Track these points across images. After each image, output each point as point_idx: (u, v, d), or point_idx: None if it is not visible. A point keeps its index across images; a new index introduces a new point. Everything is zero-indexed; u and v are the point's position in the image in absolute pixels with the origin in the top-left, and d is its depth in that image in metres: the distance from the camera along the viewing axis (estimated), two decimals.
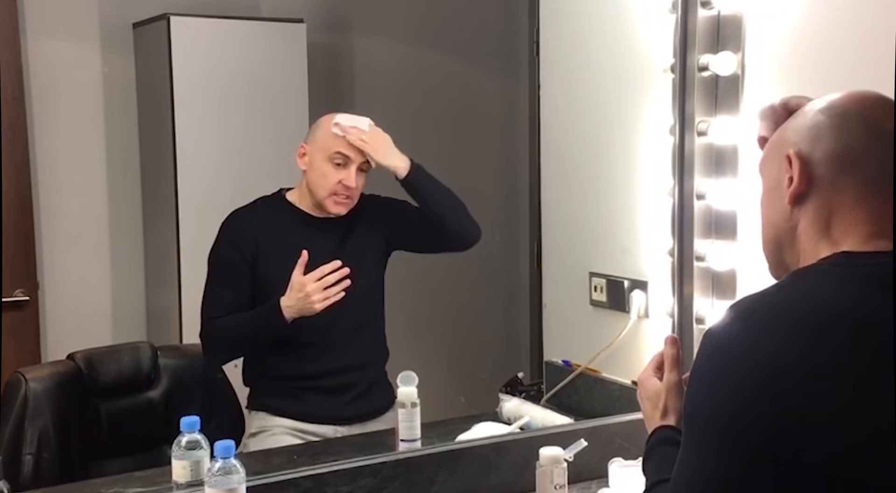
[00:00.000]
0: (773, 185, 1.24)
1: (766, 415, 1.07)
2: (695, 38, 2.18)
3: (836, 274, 1.16)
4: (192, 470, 1.72)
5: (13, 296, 2.97)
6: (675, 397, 1.47)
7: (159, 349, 2.36)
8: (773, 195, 1.24)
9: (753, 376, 1.08)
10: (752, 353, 1.09)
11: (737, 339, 1.12)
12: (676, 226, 2.23)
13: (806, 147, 1.20)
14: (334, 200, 2.26)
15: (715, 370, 1.13)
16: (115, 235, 3.29)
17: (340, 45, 3.62)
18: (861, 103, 1.21)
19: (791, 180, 1.20)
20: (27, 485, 2.02)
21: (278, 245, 2.27)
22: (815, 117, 1.21)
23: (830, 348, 1.08)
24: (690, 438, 1.16)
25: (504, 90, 3.78)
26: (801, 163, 1.19)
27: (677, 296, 2.24)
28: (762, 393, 1.07)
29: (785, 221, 1.23)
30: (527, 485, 1.93)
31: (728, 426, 1.09)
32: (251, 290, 2.26)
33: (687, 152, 2.20)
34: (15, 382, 2.13)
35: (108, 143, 3.27)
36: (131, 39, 3.25)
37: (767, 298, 1.16)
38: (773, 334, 1.10)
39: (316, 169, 2.26)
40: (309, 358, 2.30)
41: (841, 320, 1.10)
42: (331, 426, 2.32)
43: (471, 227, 2.37)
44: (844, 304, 1.12)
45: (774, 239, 1.26)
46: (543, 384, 2.68)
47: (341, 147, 2.24)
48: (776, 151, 1.25)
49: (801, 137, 1.21)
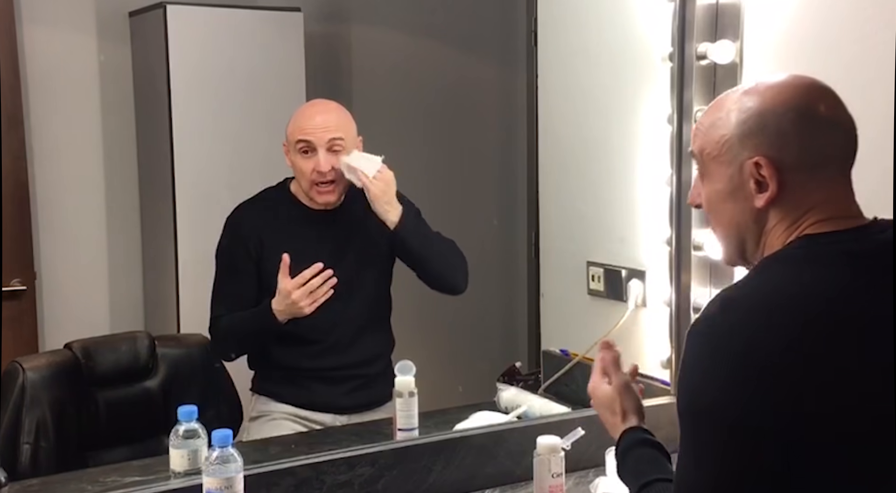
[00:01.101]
0: (733, 186, 1.24)
1: (763, 403, 1.08)
2: (693, 27, 2.17)
3: (801, 257, 1.18)
4: (190, 459, 1.73)
5: (10, 286, 2.97)
6: (629, 398, 1.50)
7: (157, 339, 2.36)
8: (735, 196, 1.24)
9: (747, 365, 1.09)
10: (742, 343, 1.11)
11: (725, 331, 1.13)
12: (674, 215, 2.23)
13: (774, 152, 1.20)
14: (317, 191, 2.24)
15: (707, 364, 1.13)
16: (112, 224, 3.29)
17: (337, 34, 3.61)
18: (808, 95, 1.22)
19: (758, 184, 1.21)
20: (25, 474, 2.02)
21: (282, 240, 2.26)
22: (772, 119, 1.21)
23: (815, 332, 1.11)
24: (690, 434, 1.16)
25: (502, 79, 3.77)
26: (773, 168, 1.20)
27: (675, 285, 2.24)
28: (757, 381, 1.09)
29: (752, 222, 1.24)
30: (524, 474, 1.93)
31: (728, 419, 1.10)
32: (257, 285, 2.26)
33: (685, 141, 2.19)
34: (12, 371, 2.13)
35: (105, 132, 3.26)
36: (127, 28, 3.24)
37: (747, 289, 1.18)
38: (760, 322, 1.11)
39: (293, 164, 2.26)
40: (314, 354, 2.30)
41: (821, 304, 1.13)
42: (330, 414, 2.33)
43: (456, 281, 2.31)
44: (814, 287, 1.14)
45: (738, 236, 1.27)
46: (541, 374, 2.68)
47: (301, 135, 2.22)
48: (729, 152, 1.24)
49: (764, 141, 1.21)
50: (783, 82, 1.24)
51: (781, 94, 1.22)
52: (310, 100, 3.14)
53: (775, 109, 1.21)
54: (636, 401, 1.51)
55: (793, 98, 1.22)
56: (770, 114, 1.21)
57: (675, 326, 2.24)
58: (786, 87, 1.23)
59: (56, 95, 3.16)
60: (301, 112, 2.30)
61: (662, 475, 1.34)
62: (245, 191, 2.37)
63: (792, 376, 1.08)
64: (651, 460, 1.40)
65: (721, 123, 1.25)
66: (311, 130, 2.21)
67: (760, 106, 1.22)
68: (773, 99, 1.22)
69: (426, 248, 2.28)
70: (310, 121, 2.24)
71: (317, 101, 2.37)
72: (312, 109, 2.30)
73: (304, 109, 2.32)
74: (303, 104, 2.37)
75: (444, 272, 2.31)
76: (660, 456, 1.40)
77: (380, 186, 2.20)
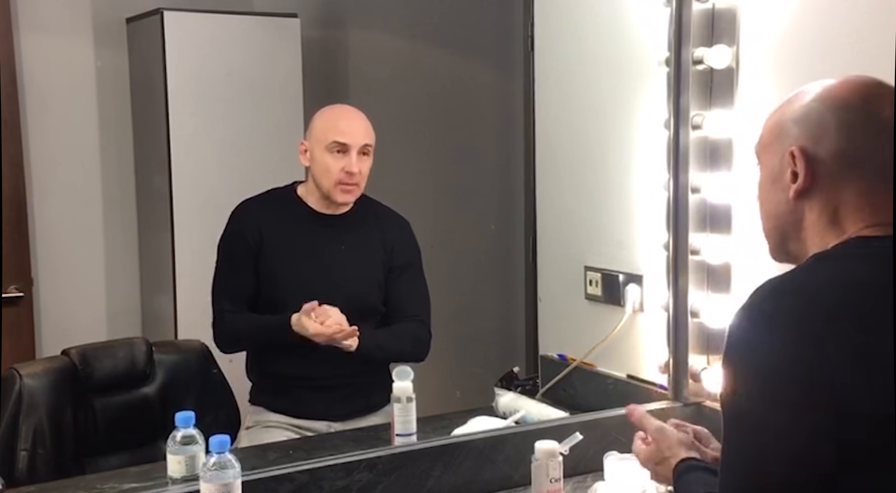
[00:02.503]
0: (775, 176, 1.23)
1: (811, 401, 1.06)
2: (689, 32, 2.18)
3: (857, 255, 1.16)
4: (188, 465, 1.72)
5: (8, 292, 2.97)
6: (666, 438, 1.46)
7: (154, 345, 2.35)
8: (776, 187, 1.23)
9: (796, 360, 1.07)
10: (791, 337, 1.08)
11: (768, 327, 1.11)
12: (671, 220, 2.22)
13: (810, 144, 1.19)
14: (341, 189, 2.27)
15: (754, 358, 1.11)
16: (109, 230, 3.29)
17: (334, 39, 3.62)
18: (862, 94, 1.20)
19: (794, 175, 1.20)
20: (22, 481, 2.02)
21: (283, 238, 2.29)
22: (818, 111, 1.20)
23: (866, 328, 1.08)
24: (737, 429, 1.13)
25: (499, 84, 3.78)
26: (805, 160, 1.18)
27: (672, 290, 2.24)
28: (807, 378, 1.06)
29: (788, 214, 1.23)
30: (522, 479, 1.93)
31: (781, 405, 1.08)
32: (256, 280, 2.29)
33: (682, 146, 2.20)
34: (10, 378, 2.13)
35: (102, 138, 3.26)
36: (125, 34, 3.24)
37: (794, 280, 1.16)
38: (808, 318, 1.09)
39: (318, 161, 2.28)
40: (312, 362, 2.30)
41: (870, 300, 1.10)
42: (324, 422, 2.34)
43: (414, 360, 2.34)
44: (872, 284, 1.12)
45: (778, 229, 1.26)
46: (539, 378, 2.68)
47: (337, 136, 2.26)
48: (777, 141, 1.24)
49: (804, 131, 1.20)
50: (845, 78, 1.22)
51: (836, 87, 1.21)
52: (307, 105, 3.17)
53: (823, 101, 1.20)
54: (675, 437, 1.47)
55: (845, 93, 1.20)
56: (816, 105, 1.20)
57: (673, 330, 2.23)
58: (844, 82, 1.21)
59: (53, 101, 3.16)
60: (334, 113, 2.33)
61: (708, 488, 1.31)
62: (243, 197, 2.37)
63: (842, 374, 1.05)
64: (699, 481, 1.37)
65: (777, 113, 1.24)
66: (349, 133, 2.26)
67: (811, 98, 1.21)
68: (825, 92, 1.21)
69: (384, 351, 2.34)
70: (348, 123, 2.29)
71: (349, 107, 2.38)
72: (350, 114, 2.34)
73: (336, 112, 2.35)
74: (326, 107, 2.37)
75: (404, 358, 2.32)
76: (706, 475, 1.37)
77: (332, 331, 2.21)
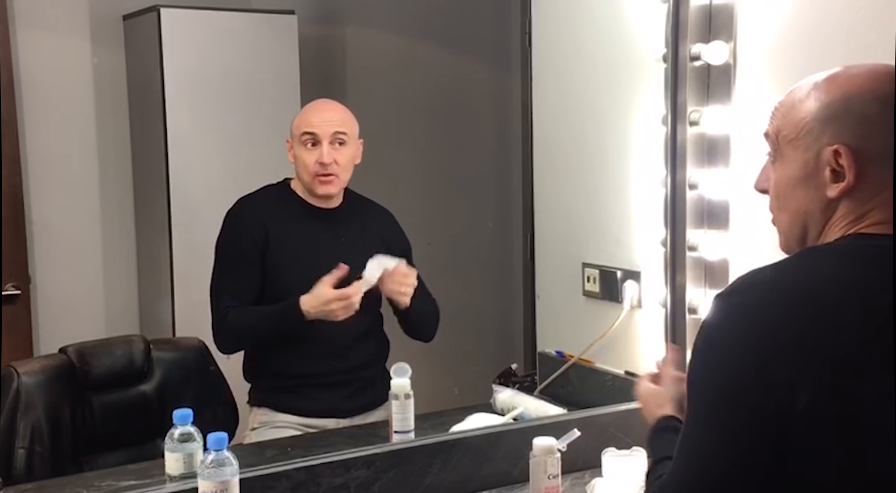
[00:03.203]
0: (807, 172, 1.19)
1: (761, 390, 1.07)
2: (687, 28, 2.18)
3: (835, 252, 1.16)
4: (186, 463, 1.72)
5: (5, 290, 2.97)
6: (678, 391, 1.46)
7: (152, 343, 2.35)
8: (807, 184, 1.19)
9: (750, 351, 1.09)
10: (748, 325, 1.10)
11: (735, 312, 1.12)
12: (669, 216, 2.23)
13: (856, 142, 1.15)
14: (318, 181, 2.28)
15: (714, 346, 1.13)
16: (106, 228, 3.28)
17: (332, 36, 3.61)
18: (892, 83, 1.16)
19: (834, 173, 1.16)
20: (20, 479, 2.02)
21: (286, 232, 2.29)
22: (860, 105, 1.16)
23: (825, 326, 1.09)
24: (692, 414, 1.16)
25: (496, 81, 3.77)
26: (853, 159, 1.15)
27: (670, 286, 2.24)
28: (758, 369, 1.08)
29: (819, 211, 1.19)
30: (520, 475, 1.93)
31: (728, 401, 1.10)
32: (261, 276, 2.27)
33: (679, 142, 2.20)
34: (7, 376, 2.12)
35: (99, 135, 3.26)
36: (121, 32, 3.24)
37: (766, 273, 1.16)
38: (772, 307, 1.10)
39: (297, 156, 2.30)
40: (313, 358, 2.30)
41: (837, 296, 1.10)
42: (332, 420, 2.33)
43: (429, 336, 2.44)
44: (840, 280, 1.12)
45: (803, 225, 1.22)
46: (537, 375, 2.68)
47: (307, 127, 2.28)
48: (808, 135, 1.18)
49: (847, 127, 1.16)
50: (872, 69, 1.19)
51: (870, 80, 1.17)
52: (304, 102, 3.15)
53: (862, 94, 1.16)
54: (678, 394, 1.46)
55: (881, 85, 1.16)
56: (856, 99, 1.16)
57: (671, 327, 2.24)
58: (875, 73, 1.18)
59: (50, 99, 3.16)
60: (308, 107, 2.37)
61: None
62: (240, 194, 2.37)
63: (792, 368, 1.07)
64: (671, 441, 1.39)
65: (803, 106, 1.20)
66: (317, 123, 2.28)
67: (846, 91, 1.17)
68: (860, 85, 1.17)
69: (420, 317, 2.38)
70: (317, 115, 2.31)
71: (324, 100, 2.41)
72: (320, 105, 2.36)
73: (311, 105, 2.38)
74: (307, 104, 2.41)
75: (423, 331, 2.43)
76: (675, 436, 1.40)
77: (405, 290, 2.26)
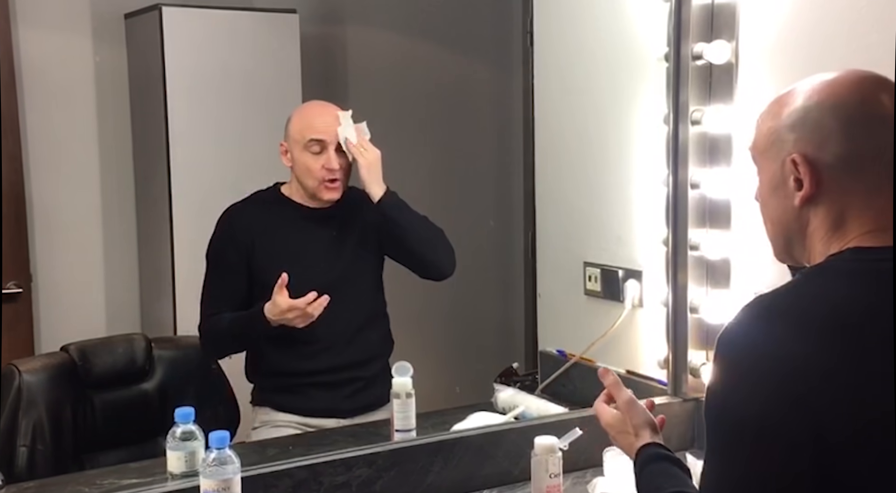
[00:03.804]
0: (777, 183, 1.19)
1: (795, 419, 1.04)
2: (689, 27, 2.18)
3: (848, 271, 1.13)
4: (187, 461, 1.72)
5: (6, 288, 2.97)
6: (636, 414, 1.46)
7: (153, 341, 2.36)
8: (778, 194, 1.19)
9: (782, 379, 1.05)
10: (778, 355, 1.06)
11: (761, 341, 1.08)
12: (670, 215, 2.22)
13: (812, 149, 1.14)
14: (325, 187, 2.26)
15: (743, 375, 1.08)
16: (108, 226, 3.29)
17: (333, 35, 3.61)
18: (859, 91, 1.15)
19: (798, 182, 1.16)
20: (22, 477, 2.02)
21: (275, 238, 2.27)
22: (816, 114, 1.15)
23: (852, 350, 1.06)
24: (719, 446, 1.11)
25: (498, 80, 3.77)
26: (809, 167, 1.14)
27: (671, 285, 2.24)
28: (790, 397, 1.04)
29: (793, 221, 1.19)
30: (522, 474, 1.93)
31: (760, 431, 1.06)
32: (248, 283, 2.26)
33: (681, 141, 2.20)
34: (9, 374, 2.13)
35: (101, 134, 3.26)
36: (123, 30, 3.24)
37: (785, 297, 1.13)
38: (797, 335, 1.07)
39: (298, 162, 2.26)
40: (310, 356, 2.29)
41: (859, 321, 1.08)
42: (333, 419, 2.32)
43: (440, 261, 2.32)
44: (859, 303, 1.09)
45: (784, 235, 1.22)
46: (538, 374, 2.68)
47: (312, 134, 2.24)
48: (774, 147, 1.19)
49: (804, 136, 1.15)
50: (838, 76, 1.17)
51: (831, 86, 1.15)
52: (306, 101, 3.15)
53: (820, 102, 1.15)
54: (644, 416, 1.46)
55: (842, 92, 1.14)
56: (814, 108, 1.15)
57: (672, 326, 2.24)
58: (838, 80, 1.16)
59: (52, 97, 3.16)
60: (307, 112, 2.32)
61: (678, 488, 1.31)
62: (242, 193, 2.37)
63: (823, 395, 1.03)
64: (665, 473, 1.36)
65: (770, 116, 1.20)
66: (323, 129, 2.24)
67: (806, 99, 1.16)
68: (820, 92, 1.15)
69: (410, 223, 2.28)
70: (322, 120, 2.26)
71: (318, 102, 2.38)
72: (320, 109, 2.31)
73: (309, 109, 2.34)
74: (300, 105, 2.39)
75: (426, 251, 2.30)
76: (672, 468, 1.36)
77: (369, 157, 2.24)
